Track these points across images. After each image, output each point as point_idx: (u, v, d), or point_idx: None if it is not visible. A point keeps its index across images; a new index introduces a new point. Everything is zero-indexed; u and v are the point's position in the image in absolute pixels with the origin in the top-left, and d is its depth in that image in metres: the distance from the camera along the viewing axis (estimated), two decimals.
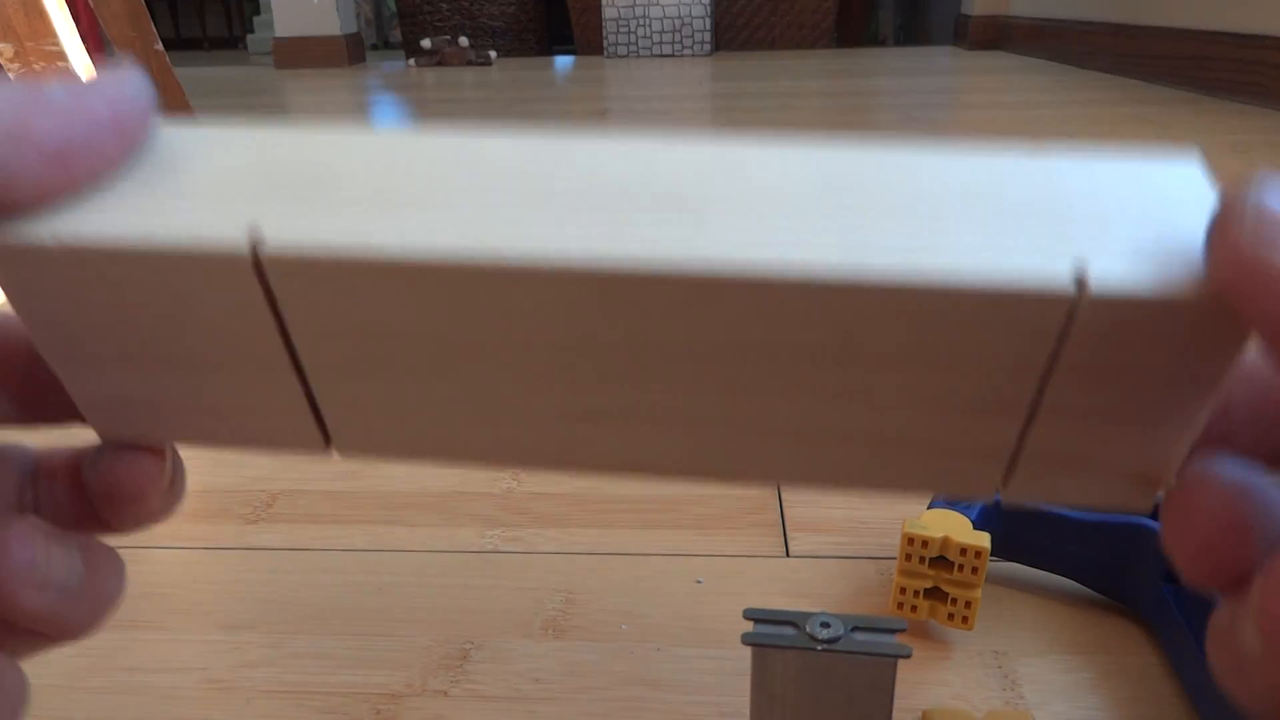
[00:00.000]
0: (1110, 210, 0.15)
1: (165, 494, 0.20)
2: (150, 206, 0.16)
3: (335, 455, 0.19)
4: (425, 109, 2.16)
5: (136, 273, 0.16)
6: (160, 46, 1.40)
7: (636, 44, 3.36)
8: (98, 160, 0.16)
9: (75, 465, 0.21)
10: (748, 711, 0.28)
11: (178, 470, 0.21)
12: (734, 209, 0.15)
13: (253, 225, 0.15)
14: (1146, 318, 0.14)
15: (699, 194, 0.16)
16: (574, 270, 0.15)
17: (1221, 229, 0.13)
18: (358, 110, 2.18)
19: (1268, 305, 0.12)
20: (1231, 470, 0.15)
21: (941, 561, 0.34)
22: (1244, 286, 0.13)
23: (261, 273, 0.16)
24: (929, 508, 0.36)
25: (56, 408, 0.20)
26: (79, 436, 0.20)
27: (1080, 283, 0.14)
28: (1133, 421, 0.16)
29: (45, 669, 0.35)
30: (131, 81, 0.17)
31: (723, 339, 0.16)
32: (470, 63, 3.34)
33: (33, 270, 0.16)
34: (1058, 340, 0.14)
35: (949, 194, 0.15)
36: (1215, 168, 1.27)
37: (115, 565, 0.20)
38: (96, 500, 0.20)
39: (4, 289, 0.16)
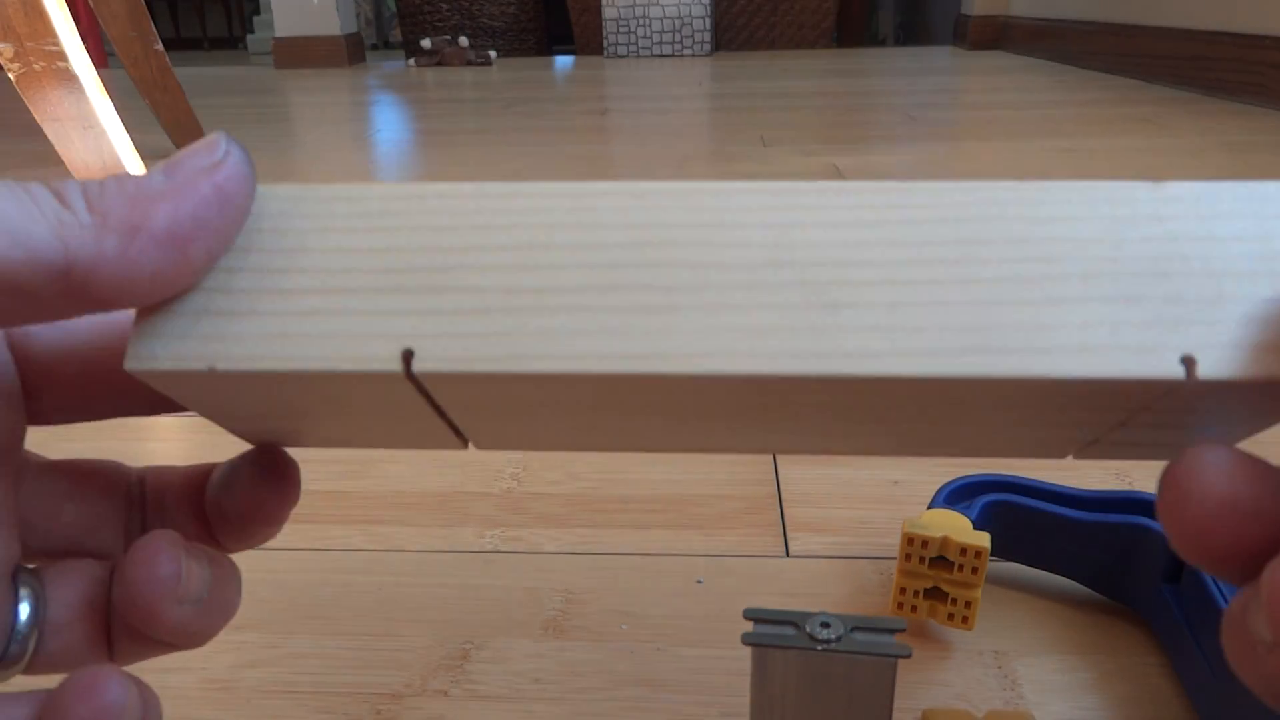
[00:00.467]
0: (1225, 268, 0.15)
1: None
2: (287, 316, 0.16)
3: (472, 448, 0.21)
4: (425, 109, 2.16)
5: (289, 383, 0.16)
6: (160, 46, 1.40)
7: (636, 44, 3.36)
8: (211, 239, 0.16)
9: (191, 484, 0.22)
10: (748, 711, 0.28)
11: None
12: (859, 294, 0.16)
13: (402, 343, 0.16)
14: (1241, 389, 0.15)
15: (824, 273, 0.16)
16: (720, 376, 0.15)
17: None
18: (358, 110, 2.18)
19: None
20: (1229, 452, 0.15)
21: (941, 561, 0.34)
22: None
23: (414, 380, 0.16)
24: (928, 508, 0.36)
25: (110, 409, 0.20)
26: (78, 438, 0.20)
27: (1188, 367, 0.15)
28: (1200, 430, 0.17)
29: None
30: (230, 152, 0.16)
31: (844, 402, 0.17)
32: (470, 63, 3.34)
33: (185, 380, 0.16)
34: (1160, 396, 0.16)
35: (1066, 259, 0.16)
36: (1215, 168, 1.27)
37: (236, 576, 0.20)
38: (224, 519, 0.21)
39: (152, 384, 0.17)
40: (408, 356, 0.15)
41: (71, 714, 0.16)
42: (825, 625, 0.26)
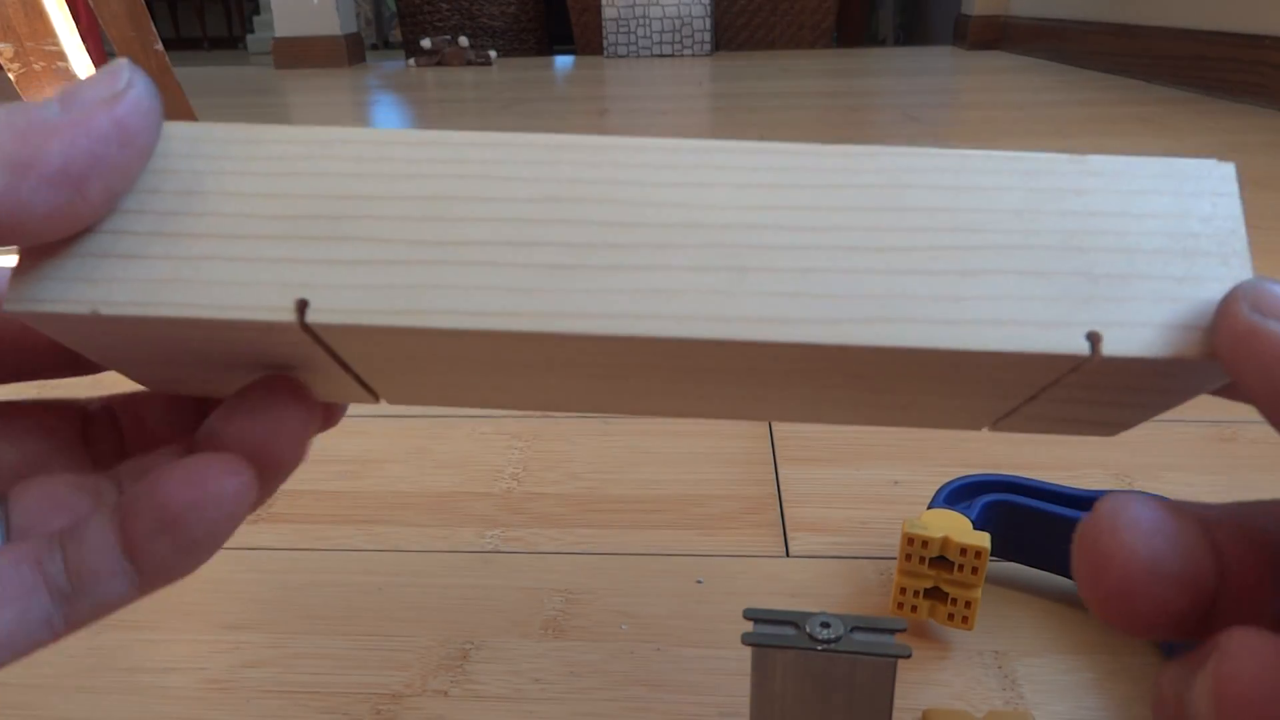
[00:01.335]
0: (1138, 244, 0.15)
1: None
2: (182, 259, 0.15)
3: (384, 403, 0.20)
4: (425, 109, 2.16)
5: (178, 328, 0.16)
6: (160, 46, 1.40)
7: (636, 44, 3.36)
8: (110, 177, 0.15)
9: (177, 408, 0.21)
10: (748, 711, 0.28)
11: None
12: (769, 256, 0.15)
13: (297, 292, 0.15)
14: (1147, 367, 0.15)
15: (737, 235, 0.15)
16: (618, 336, 0.15)
17: (1224, 304, 0.14)
18: (358, 110, 2.18)
19: (1258, 369, 0.13)
20: (1148, 509, 0.14)
21: (941, 561, 0.34)
22: (1237, 353, 0.14)
23: (309, 330, 0.15)
24: (928, 508, 0.36)
25: (16, 368, 0.19)
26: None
27: (1094, 344, 0.15)
28: (1112, 406, 0.18)
29: (45, 669, 0.35)
30: (131, 83, 0.15)
31: (753, 367, 0.16)
32: (470, 63, 3.34)
33: (72, 325, 0.16)
34: (1068, 371, 0.16)
35: (981, 230, 0.16)
36: None
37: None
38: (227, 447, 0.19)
39: (36, 326, 0.16)
40: (302, 306, 0.15)
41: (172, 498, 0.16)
42: (825, 625, 0.26)
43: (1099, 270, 0.15)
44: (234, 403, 0.18)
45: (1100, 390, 0.17)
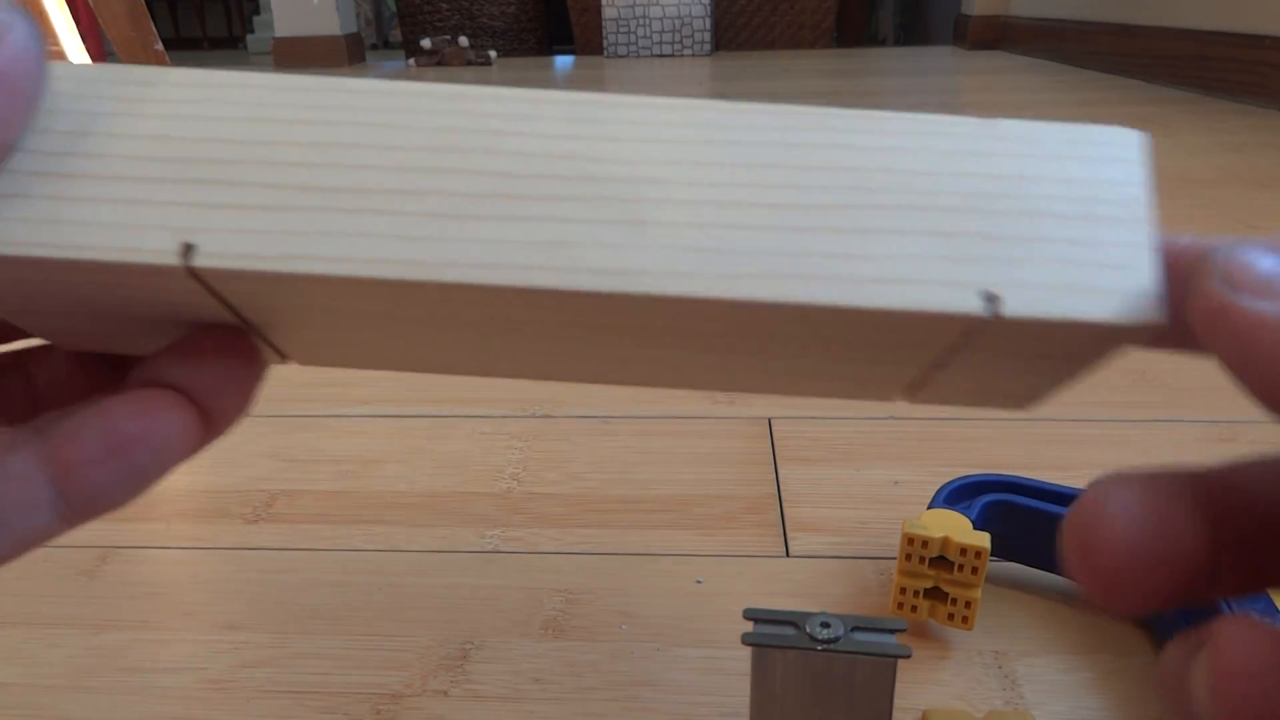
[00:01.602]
0: (1041, 207, 0.15)
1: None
2: (67, 200, 0.15)
3: (293, 363, 0.20)
4: None
5: (64, 271, 0.15)
6: (160, 46, 1.40)
7: (636, 44, 3.36)
8: None
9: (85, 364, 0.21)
10: (748, 711, 0.28)
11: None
12: (667, 210, 0.15)
13: (183, 235, 0.15)
14: (1047, 329, 0.15)
15: (636, 190, 0.15)
16: (513, 287, 0.15)
17: (1198, 277, 0.14)
18: None
19: (1232, 346, 0.13)
20: (1133, 489, 0.14)
21: (941, 561, 0.34)
22: (1211, 330, 0.13)
23: (196, 275, 0.15)
24: (928, 508, 0.36)
25: None
26: None
27: (993, 304, 0.15)
28: (1019, 374, 0.18)
29: (45, 669, 0.35)
30: (10, 26, 0.14)
31: (650, 325, 0.16)
32: (470, 63, 3.34)
33: None
34: (969, 334, 0.16)
35: (885, 190, 0.15)
36: (1215, 168, 1.27)
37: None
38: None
39: None
40: (187, 249, 0.15)
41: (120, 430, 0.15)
42: (825, 625, 0.26)
43: (1000, 232, 0.15)
44: (174, 349, 0.18)
45: (1005, 356, 0.17)
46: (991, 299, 0.15)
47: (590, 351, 0.18)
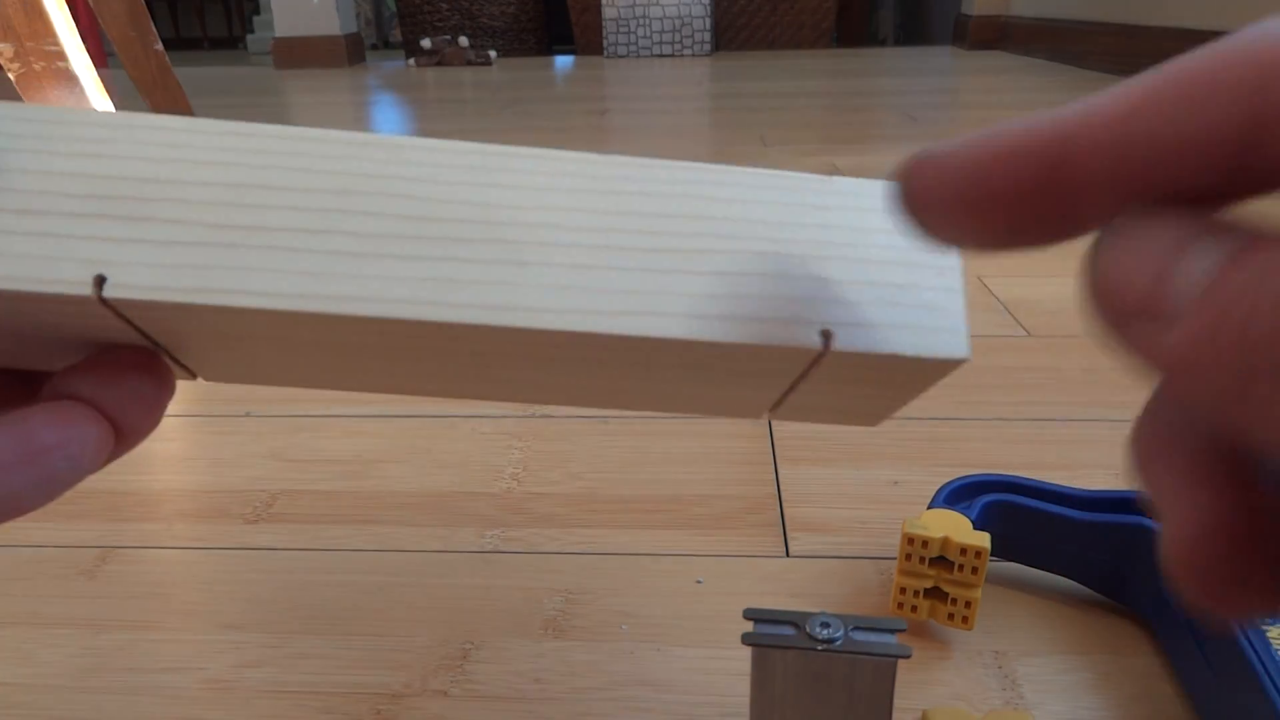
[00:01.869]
0: (870, 255, 0.18)
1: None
2: None
3: (201, 380, 0.21)
4: (425, 109, 2.16)
5: None
6: (160, 46, 1.40)
7: (636, 44, 3.36)
8: None
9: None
10: (748, 711, 0.28)
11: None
12: (548, 253, 0.17)
13: (96, 268, 0.15)
14: (876, 361, 0.17)
15: (520, 233, 0.17)
16: (404, 320, 0.16)
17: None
18: (357, 110, 2.18)
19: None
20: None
21: (941, 561, 0.34)
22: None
23: (108, 304, 0.16)
24: (928, 508, 0.36)
25: None
26: None
27: (826, 339, 0.17)
28: (861, 397, 0.20)
29: (45, 669, 0.35)
30: None
31: (536, 354, 0.18)
32: (470, 63, 3.34)
33: None
34: (810, 365, 0.18)
35: (736, 237, 0.17)
36: None
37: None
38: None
39: None
40: (100, 281, 0.15)
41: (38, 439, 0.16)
42: (825, 625, 0.26)
43: (835, 276, 0.17)
44: (87, 366, 0.18)
45: (845, 382, 0.19)
46: (827, 335, 0.17)
47: (485, 374, 0.20)
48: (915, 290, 0.17)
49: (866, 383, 0.19)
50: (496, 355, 0.18)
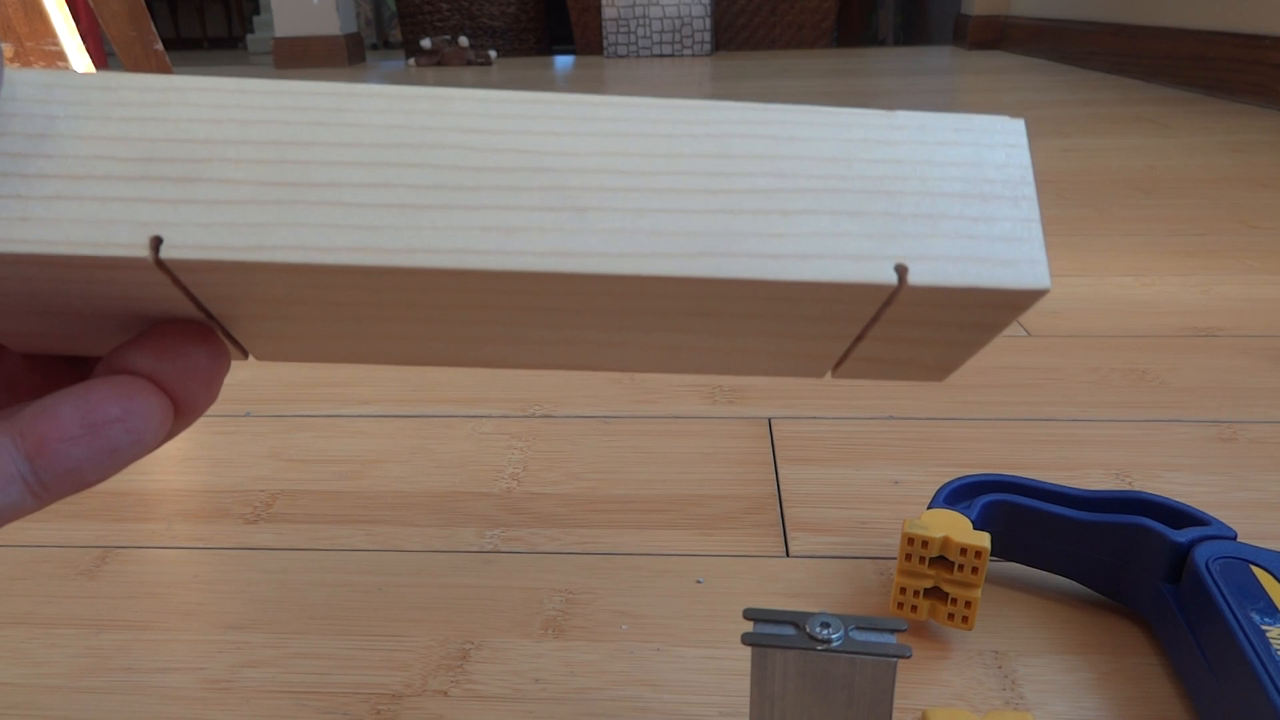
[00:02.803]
0: (939, 188, 0.17)
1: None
2: (35, 198, 0.15)
3: (252, 358, 0.21)
4: None
5: (34, 266, 0.16)
6: (160, 46, 1.40)
7: (636, 44, 3.36)
8: None
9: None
10: (748, 712, 0.28)
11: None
12: (607, 198, 0.16)
13: (151, 230, 0.15)
14: (950, 297, 0.17)
15: (577, 179, 0.17)
16: (464, 270, 0.16)
17: None
18: None
19: None
20: None
21: (941, 561, 0.34)
22: None
23: (164, 267, 0.16)
24: (928, 508, 0.36)
25: None
26: None
27: (901, 275, 0.16)
28: (931, 344, 0.20)
29: (45, 669, 0.35)
30: None
31: (594, 306, 0.18)
32: (470, 62, 3.34)
33: None
34: (884, 305, 0.17)
35: (801, 175, 0.17)
36: (1216, 167, 1.27)
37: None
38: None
39: None
40: (156, 242, 0.15)
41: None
42: (825, 625, 0.26)
43: (905, 210, 0.17)
44: (142, 341, 0.18)
45: (916, 326, 0.18)
46: (901, 270, 0.16)
47: (538, 335, 0.19)
48: (991, 222, 0.17)
49: (940, 324, 0.18)
50: (554, 310, 0.18)
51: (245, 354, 0.21)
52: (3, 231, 0.15)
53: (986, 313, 0.18)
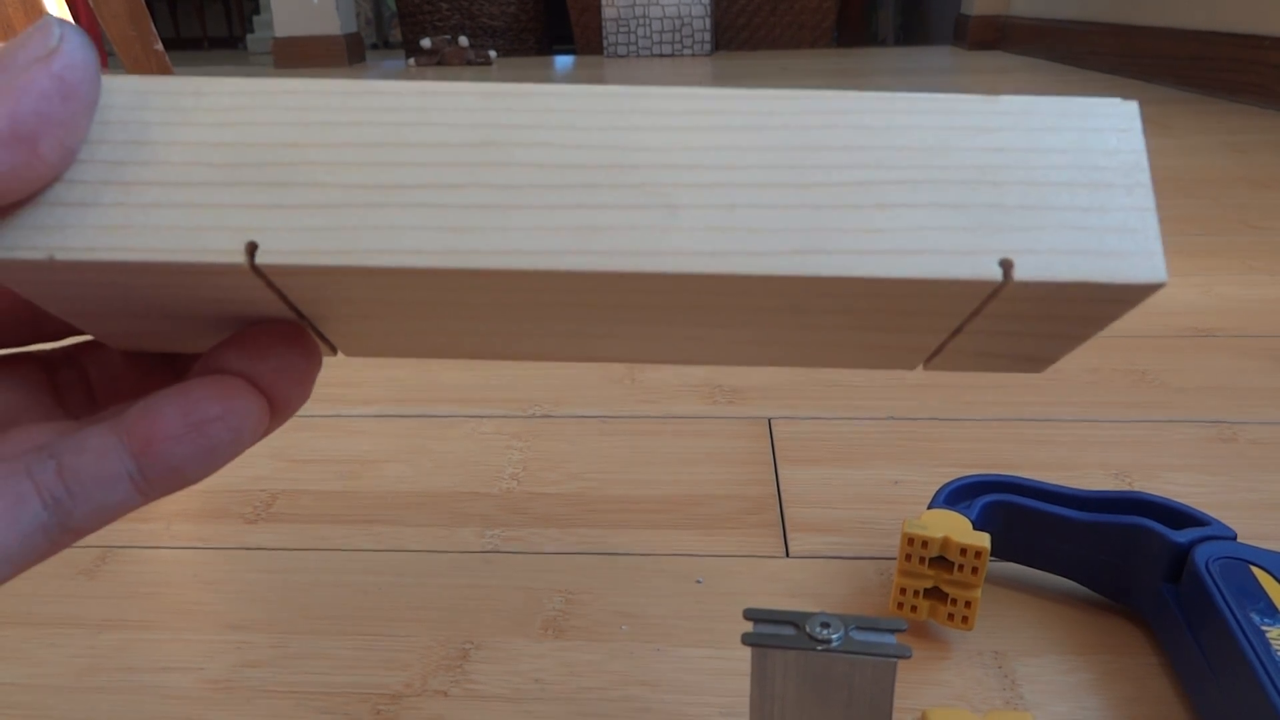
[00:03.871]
0: (1046, 177, 0.16)
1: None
2: (134, 206, 0.16)
3: (341, 355, 0.21)
4: None
5: (134, 273, 0.16)
6: (160, 46, 1.40)
7: (636, 44, 3.36)
8: (60, 133, 0.15)
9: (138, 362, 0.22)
10: (748, 712, 0.28)
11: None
12: (696, 194, 0.16)
13: (246, 235, 0.16)
14: (1058, 292, 0.16)
15: (665, 175, 0.16)
16: (555, 272, 0.16)
17: None
18: None
19: None
20: None
21: (941, 561, 0.34)
22: None
23: (259, 272, 0.16)
24: (928, 508, 0.36)
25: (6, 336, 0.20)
26: None
27: (1006, 270, 0.16)
28: (1033, 337, 0.19)
29: (45, 669, 0.35)
30: (64, 37, 0.15)
31: (683, 304, 0.17)
32: (470, 62, 3.34)
33: (30, 273, 0.16)
34: (986, 300, 0.17)
35: (898, 166, 0.16)
36: (1216, 168, 1.27)
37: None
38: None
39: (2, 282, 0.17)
40: (251, 248, 0.15)
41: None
42: (825, 625, 0.26)
43: (1010, 201, 0.16)
44: (237, 342, 0.19)
45: (1019, 320, 0.18)
46: (1006, 265, 0.16)
47: (622, 331, 0.19)
48: (1102, 212, 0.16)
49: (1046, 318, 0.17)
50: (642, 309, 0.17)
51: (334, 350, 0.21)
52: (107, 240, 0.15)
53: (1095, 307, 0.17)
